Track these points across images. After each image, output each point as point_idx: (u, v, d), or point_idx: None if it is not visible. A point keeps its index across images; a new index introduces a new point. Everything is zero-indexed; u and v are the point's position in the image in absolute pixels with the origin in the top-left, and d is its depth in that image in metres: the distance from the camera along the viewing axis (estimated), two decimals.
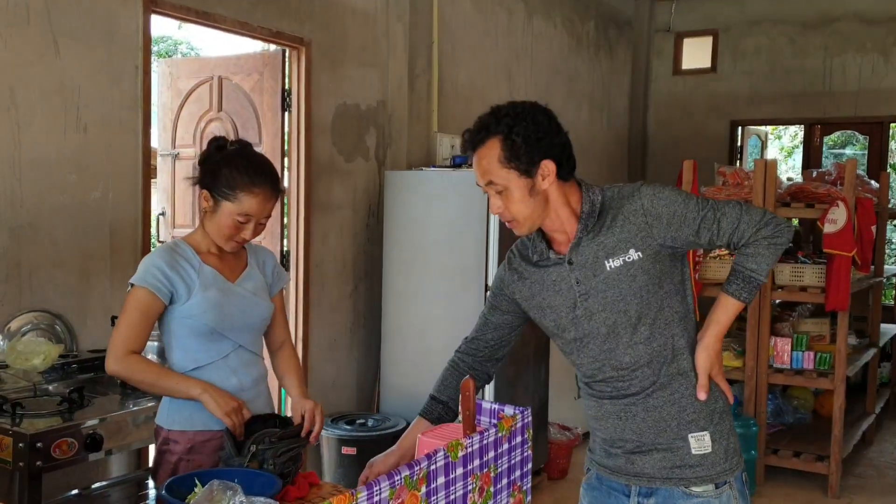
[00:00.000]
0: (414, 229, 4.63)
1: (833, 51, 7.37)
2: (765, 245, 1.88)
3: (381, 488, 1.52)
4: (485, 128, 1.89)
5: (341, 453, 4.30)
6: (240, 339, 2.35)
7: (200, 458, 2.28)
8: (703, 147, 7.57)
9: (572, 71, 7.08)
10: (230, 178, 2.24)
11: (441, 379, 2.30)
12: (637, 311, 1.90)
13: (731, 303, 1.93)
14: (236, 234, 2.29)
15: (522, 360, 4.68)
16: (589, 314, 1.94)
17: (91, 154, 3.43)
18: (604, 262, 1.90)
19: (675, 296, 1.94)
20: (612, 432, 2.01)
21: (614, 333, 1.93)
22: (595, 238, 1.92)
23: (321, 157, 4.57)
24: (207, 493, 1.39)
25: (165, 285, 2.24)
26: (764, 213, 1.90)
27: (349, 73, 4.71)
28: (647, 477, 1.97)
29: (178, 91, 4.80)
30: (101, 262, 3.49)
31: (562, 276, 1.98)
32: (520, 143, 1.85)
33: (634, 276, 1.89)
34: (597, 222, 1.92)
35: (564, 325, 2.00)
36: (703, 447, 1.93)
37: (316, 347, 4.62)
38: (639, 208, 1.89)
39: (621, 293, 1.90)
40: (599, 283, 1.92)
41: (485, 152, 1.89)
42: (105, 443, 2.75)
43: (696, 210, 1.88)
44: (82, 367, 3.26)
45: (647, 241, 1.88)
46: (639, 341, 1.92)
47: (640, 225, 1.88)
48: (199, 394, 2.20)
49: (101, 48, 3.45)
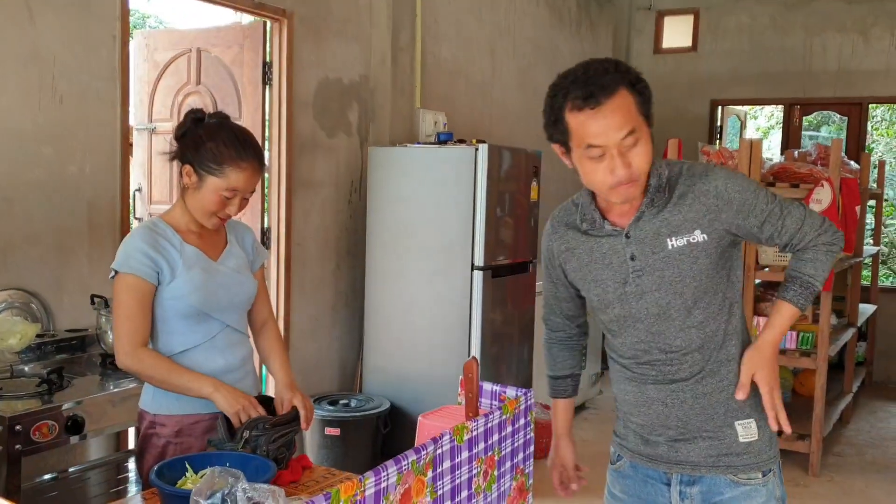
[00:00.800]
0: (397, 207, 4.56)
1: (813, 30, 7.37)
2: (823, 251, 1.83)
3: (388, 473, 1.47)
4: (611, 79, 1.71)
5: (324, 434, 4.24)
6: (226, 319, 2.29)
7: (189, 440, 2.22)
8: (683, 127, 7.55)
9: (554, 48, 7.01)
10: (216, 152, 2.16)
11: (552, 358, 2.23)
12: (693, 294, 1.83)
13: (788, 309, 1.86)
14: (221, 209, 2.22)
15: (506, 339, 4.64)
16: (640, 292, 1.86)
17: (67, 126, 3.31)
18: (665, 239, 1.81)
19: (729, 281, 1.87)
20: (654, 418, 1.93)
21: (666, 315, 1.85)
22: (659, 214, 1.82)
23: (303, 133, 4.47)
24: (209, 479, 1.33)
25: (151, 267, 2.16)
26: (823, 220, 1.85)
27: (332, 46, 4.61)
28: (692, 465, 1.91)
29: (155, 63, 4.67)
30: (79, 239, 3.38)
31: (615, 250, 1.88)
32: (644, 92, 1.75)
33: (697, 257, 1.81)
34: (663, 197, 1.82)
35: (610, 300, 1.91)
36: (749, 435, 1.88)
37: (297, 327, 4.54)
38: (711, 189, 1.79)
39: (680, 274, 1.82)
40: (658, 262, 1.83)
41: (619, 101, 1.70)
42: (86, 425, 2.67)
43: (764, 202, 1.80)
44: (59, 346, 3.17)
45: (714, 224, 1.79)
46: (692, 325, 1.85)
47: (709, 206, 1.79)
48: (211, 392, 2.14)
49: (78, 16, 3.32)
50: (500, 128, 6.16)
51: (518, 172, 4.65)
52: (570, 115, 1.72)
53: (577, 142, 1.74)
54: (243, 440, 2.00)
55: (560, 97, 1.74)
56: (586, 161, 1.75)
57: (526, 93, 6.57)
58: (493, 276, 4.44)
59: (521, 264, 4.77)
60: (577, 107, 1.71)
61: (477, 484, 1.77)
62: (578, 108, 1.71)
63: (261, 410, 2.14)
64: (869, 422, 6.10)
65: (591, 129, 1.70)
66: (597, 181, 1.77)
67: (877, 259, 7.06)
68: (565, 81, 1.75)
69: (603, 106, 1.69)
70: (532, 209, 4.81)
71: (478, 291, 4.36)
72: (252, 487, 1.35)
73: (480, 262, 4.34)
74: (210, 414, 2.21)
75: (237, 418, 2.10)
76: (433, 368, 4.47)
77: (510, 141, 5.94)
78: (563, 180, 7.19)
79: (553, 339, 2.22)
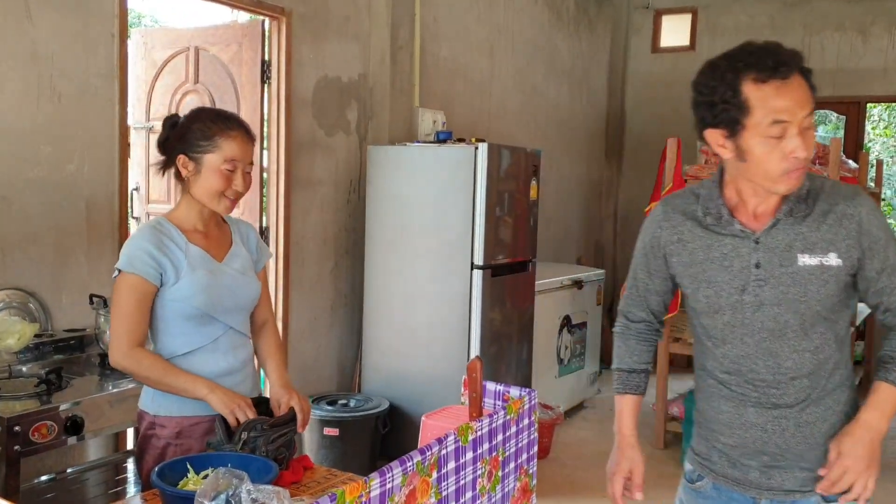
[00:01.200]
0: (397, 205, 4.54)
1: (812, 29, 7.36)
2: None
3: (393, 475, 1.45)
4: (796, 55, 1.64)
5: (323, 434, 4.23)
6: (230, 321, 2.28)
7: (189, 441, 2.21)
8: (681, 126, 7.48)
9: (553, 47, 7.00)
10: (203, 129, 2.19)
11: (627, 350, 2.08)
12: (814, 318, 1.72)
13: (892, 392, 1.73)
14: (227, 187, 2.20)
15: (505, 338, 4.63)
16: (758, 303, 1.75)
17: (66, 125, 3.29)
18: (797, 254, 1.71)
19: (847, 310, 1.78)
20: (750, 443, 1.82)
21: (782, 333, 1.75)
22: (795, 226, 1.72)
23: (301, 132, 4.46)
24: (213, 480, 1.32)
25: (155, 268, 2.15)
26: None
27: (331, 44, 4.59)
28: (785, 492, 1.83)
29: (152, 62, 4.65)
30: (77, 238, 3.36)
31: (738, 253, 1.76)
32: (811, 78, 1.65)
33: (826, 281, 1.71)
34: (804, 204, 1.72)
35: (721, 305, 1.79)
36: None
37: (296, 326, 4.53)
38: (856, 215, 1.70)
39: (806, 294, 1.71)
40: (784, 276, 1.72)
41: (798, 81, 1.62)
42: (85, 426, 2.65)
43: (894, 254, 1.72)
44: (58, 346, 3.15)
45: (850, 251, 1.70)
46: (807, 349, 1.75)
47: (850, 232, 1.70)
48: (206, 394, 2.13)
49: (76, 15, 3.30)
50: (499, 127, 6.15)
51: (517, 171, 4.64)
52: (753, 87, 1.60)
53: (757, 118, 1.61)
54: (241, 441, 1.98)
55: (737, 70, 1.62)
56: (763, 141, 1.62)
57: (525, 92, 6.56)
58: (493, 276, 4.43)
59: (521, 263, 4.76)
60: (763, 79, 1.59)
61: (481, 485, 1.75)
62: (763, 80, 1.59)
63: (254, 412, 2.12)
64: None
65: (779, 103, 1.59)
66: (771, 166, 1.63)
67: None
68: (741, 54, 1.64)
69: (791, 79, 1.60)
70: (532, 208, 4.80)
71: (477, 290, 4.34)
72: (256, 489, 1.34)
73: (480, 261, 4.33)
74: (210, 416, 2.19)
75: (233, 418, 2.08)
76: (432, 368, 4.46)
77: (509, 140, 5.93)
78: (562, 180, 7.19)
79: (631, 331, 2.08)
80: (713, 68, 1.67)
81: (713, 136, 1.69)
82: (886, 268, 1.71)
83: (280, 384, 2.33)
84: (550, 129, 7.02)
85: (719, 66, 1.66)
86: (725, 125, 1.65)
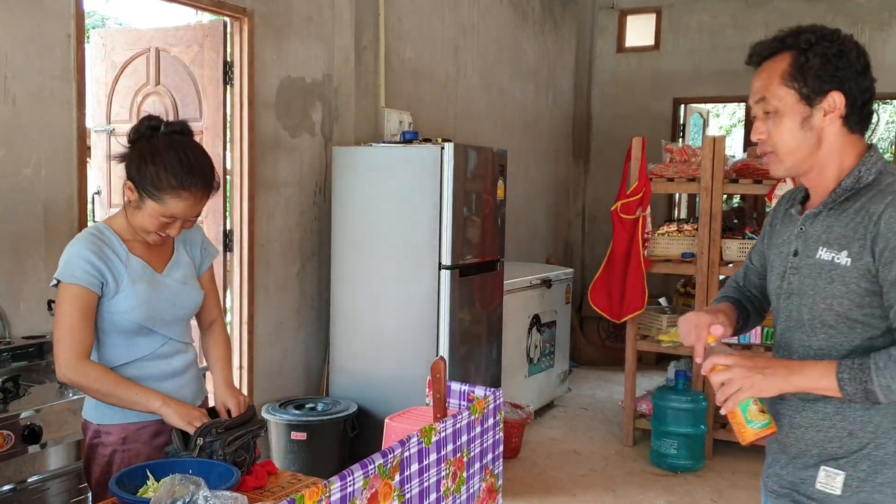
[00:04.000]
0: (363, 207, 4.51)
1: (774, 28, 7.30)
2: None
3: (354, 478, 1.43)
4: (780, 40, 1.68)
5: (291, 439, 4.19)
6: (169, 333, 2.25)
7: (137, 446, 2.19)
8: (646, 125, 7.59)
9: (518, 48, 7.01)
10: (156, 177, 2.06)
11: (722, 292, 2.05)
12: (821, 318, 1.66)
13: (829, 379, 1.58)
14: (161, 230, 2.14)
15: (474, 339, 4.62)
16: (789, 292, 1.72)
17: (21, 128, 3.22)
18: (820, 247, 1.66)
19: (867, 327, 1.63)
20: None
21: (796, 326, 1.71)
22: (830, 218, 1.67)
23: (265, 133, 4.41)
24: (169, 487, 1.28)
25: (97, 277, 2.09)
26: None
27: (294, 45, 4.55)
28: (776, 493, 1.80)
29: (112, 63, 4.57)
30: (35, 244, 3.29)
31: (788, 239, 1.76)
32: (814, 62, 1.62)
33: (832, 280, 1.64)
34: (847, 201, 1.65)
35: (772, 290, 1.80)
36: (830, 486, 1.67)
37: (262, 330, 4.48)
38: (875, 212, 1.58)
39: (814, 288, 1.66)
40: (806, 267, 1.69)
41: (770, 65, 1.67)
42: (44, 434, 2.60)
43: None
44: (16, 354, 3.08)
45: (862, 252, 1.59)
46: (812, 347, 1.69)
47: (866, 231, 1.59)
48: (159, 407, 2.09)
49: (30, 14, 3.23)
50: (465, 127, 6.14)
51: (484, 171, 4.63)
52: None
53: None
54: (198, 447, 1.95)
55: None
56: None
57: (491, 92, 6.56)
58: (461, 276, 4.42)
59: (489, 263, 4.75)
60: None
61: (446, 486, 1.74)
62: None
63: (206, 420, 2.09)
64: None
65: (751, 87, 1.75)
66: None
67: None
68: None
69: (761, 67, 1.72)
70: (499, 208, 4.80)
71: (445, 291, 4.33)
72: (214, 495, 1.31)
73: (448, 261, 4.32)
74: (155, 420, 2.17)
75: (190, 428, 2.05)
76: (401, 369, 4.44)
77: (476, 140, 5.93)
78: (529, 179, 7.20)
79: (729, 287, 2.05)
80: (848, 40, 1.70)
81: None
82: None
83: (224, 385, 2.30)
84: (517, 129, 7.03)
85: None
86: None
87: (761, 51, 1.71)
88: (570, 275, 6.26)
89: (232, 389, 2.29)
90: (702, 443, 4.89)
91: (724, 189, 4.97)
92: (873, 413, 1.63)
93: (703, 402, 4.86)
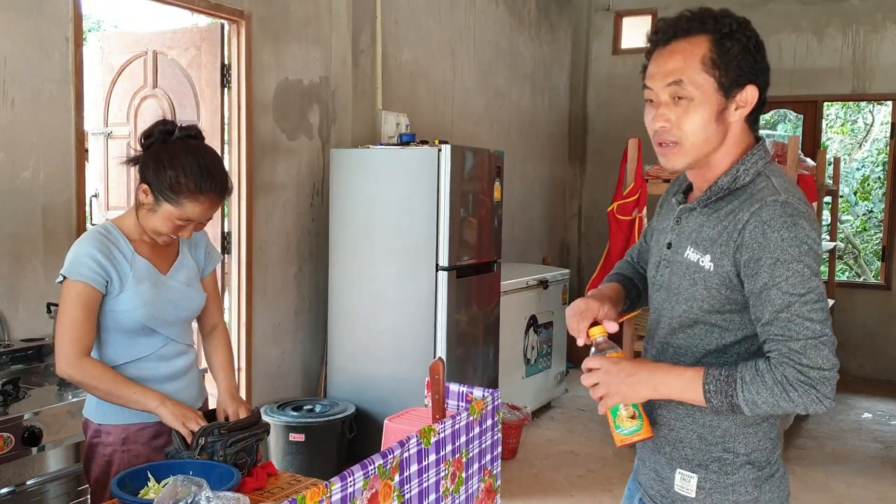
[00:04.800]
0: (361, 209, 4.53)
1: (769, 30, 7.46)
2: (774, 382, 1.44)
3: (354, 479, 1.44)
4: (697, 19, 1.53)
5: (289, 440, 4.20)
6: (171, 334, 2.27)
7: (136, 447, 2.20)
8: (642, 126, 7.54)
9: (514, 50, 7.03)
10: (175, 181, 2.09)
11: (617, 268, 2.00)
12: (681, 318, 1.62)
13: (695, 381, 1.51)
14: (173, 233, 2.18)
15: (471, 340, 4.63)
16: (659, 284, 1.69)
17: (19, 131, 3.23)
18: (688, 246, 1.59)
19: (734, 328, 1.58)
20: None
21: (659, 321, 1.69)
22: (705, 213, 1.59)
23: (263, 136, 4.42)
24: (172, 489, 1.30)
25: (102, 275, 2.12)
26: (828, 365, 1.43)
27: (291, 48, 4.57)
28: (643, 491, 1.79)
29: (110, 66, 4.58)
30: (33, 246, 3.30)
31: (666, 228, 1.70)
32: (734, 51, 1.51)
33: (695, 282, 1.58)
34: (721, 200, 1.57)
35: (648, 276, 1.76)
36: (686, 489, 1.64)
37: (260, 332, 4.49)
38: (742, 219, 1.50)
39: (678, 288, 1.61)
40: (676, 263, 1.63)
41: (684, 46, 1.52)
42: (44, 437, 2.61)
43: (772, 279, 1.45)
44: (15, 357, 3.09)
45: (723, 259, 1.53)
46: (670, 345, 1.65)
47: (731, 237, 1.51)
48: (156, 407, 2.10)
49: (29, 18, 3.24)
50: (462, 129, 6.16)
51: (481, 173, 4.64)
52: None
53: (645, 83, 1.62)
54: (199, 447, 1.97)
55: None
56: (645, 107, 1.62)
57: (487, 94, 6.57)
58: (458, 277, 4.43)
59: (486, 264, 4.76)
60: (650, 48, 1.60)
61: (445, 487, 1.75)
62: (651, 49, 1.60)
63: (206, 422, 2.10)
64: (828, 414, 6.19)
65: (649, 69, 1.60)
66: (651, 132, 1.61)
67: (833, 255, 7.19)
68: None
69: (669, 45, 1.56)
70: (496, 209, 4.81)
71: (443, 292, 4.34)
72: (216, 496, 1.32)
73: (445, 262, 4.33)
74: (155, 421, 2.18)
75: (186, 430, 2.06)
76: (399, 371, 4.45)
77: (472, 142, 5.94)
78: (526, 181, 7.22)
79: (623, 262, 2.00)
80: (751, 27, 1.62)
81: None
82: (762, 294, 1.47)
83: (226, 392, 2.32)
84: (513, 130, 7.04)
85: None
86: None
87: (675, 26, 1.54)
88: (566, 276, 6.28)
89: (235, 397, 2.30)
90: None
91: None
92: (722, 418, 1.60)
93: None
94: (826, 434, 5.69)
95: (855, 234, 11.08)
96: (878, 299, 7.42)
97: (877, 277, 8.51)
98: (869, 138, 11.33)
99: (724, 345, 1.59)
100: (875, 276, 9.61)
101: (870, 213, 11.13)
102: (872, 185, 11.08)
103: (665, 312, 1.67)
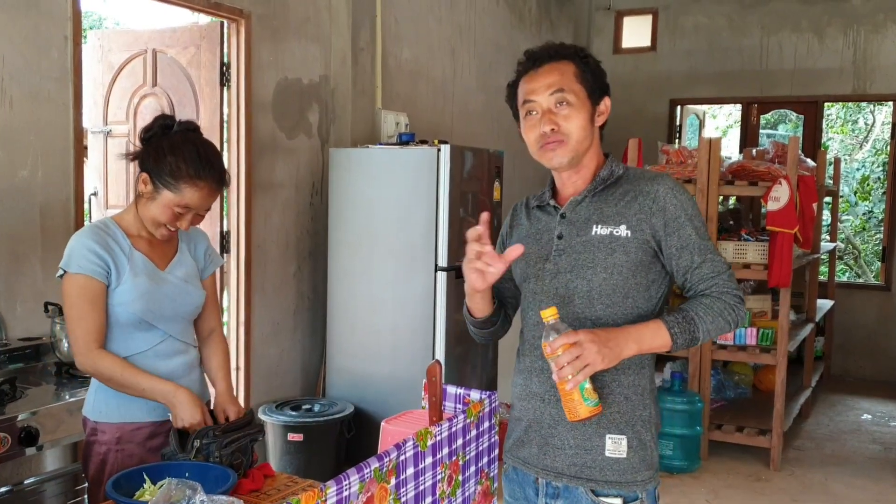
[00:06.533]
0: (360, 208, 4.52)
1: (770, 30, 7.46)
2: (724, 306, 1.75)
3: (350, 482, 1.44)
4: (561, 48, 1.88)
5: (287, 440, 4.19)
6: (169, 329, 2.26)
7: (130, 447, 2.20)
8: (643, 126, 7.60)
9: (515, 49, 7.00)
10: (175, 167, 2.12)
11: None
12: (600, 286, 1.80)
13: (662, 331, 1.72)
14: (171, 223, 2.18)
15: (470, 340, 4.60)
16: (556, 271, 1.86)
17: (17, 129, 3.22)
18: (593, 225, 1.84)
19: (648, 294, 1.83)
20: (531, 414, 1.86)
21: (569, 300, 1.82)
22: (595, 202, 1.86)
23: (262, 134, 4.42)
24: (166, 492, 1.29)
25: (102, 266, 2.13)
26: (740, 292, 1.79)
27: (290, 46, 4.56)
28: (556, 472, 1.82)
29: (109, 65, 4.57)
30: (31, 245, 3.29)
31: (548, 227, 1.93)
32: (592, 69, 1.86)
33: (613, 250, 1.80)
34: (606, 189, 1.86)
35: (528, 274, 1.92)
36: (618, 451, 1.79)
37: (258, 331, 4.49)
38: (651, 192, 1.81)
39: (593, 260, 1.81)
40: (578, 245, 1.84)
41: (556, 66, 1.85)
42: (41, 436, 2.60)
43: (694, 232, 1.79)
44: (13, 356, 3.09)
45: (641, 224, 1.80)
46: (589, 317, 1.80)
47: (643, 206, 1.81)
48: (171, 399, 2.11)
49: (27, 16, 3.24)
50: (461, 128, 6.15)
51: (481, 173, 4.64)
52: (519, 82, 1.90)
53: (518, 103, 1.90)
54: (195, 449, 1.97)
55: (517, 74, 1.92)
56: (523, 121, 1.90)
57: (487, 93, 6.56)
58: (457, 277, 4.42)
59: None
60: (519, 73, 1.90)
61: (441, 489, 1.75)
62: (519, 74, 1.90)
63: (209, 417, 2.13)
64: (828, 415, 6.19)
65: (526, 87, 1.87)
66: (530, 140, 1.89)
67: (833, 255, 7.18)
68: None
69: (542, 68, 1.85)
70: (495, 209, 4.80)
71: (441, 292, 4.34)
72: (210, 499, 1.31)
73: (444, 262, 4.32)
74: (150, 421, 2.19)
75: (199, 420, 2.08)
76: (397, 371, 4.44)
77: (472, 141, 5.93)
78: (525, 179, 7.21)
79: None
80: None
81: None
82: (688, 245, 1.78)
83: (225, 394, 2.32)
84: (513, 130, 6.95)
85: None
86: (515, 116, 1.95)
87: (546, 52, 1.87)
88: None
89: (233, 399, 2.32)
90: (697, 444, 4.91)
91: (719, 191, 4.98)
92: (640, 377, 1.83)
93: (698, 403, 4.87)
94: (825, 435, 5.69)
95: (855, 234, 11.07)
96: (878, 300, 7.41)
97: (877, 278, 8.51)
98: (869, 138, 11.32)
99: (637, 314, 1.81)
100: (875, 277, 9.60)
101: (870, 214, 11.12)
102: (872, 185, 11.07)
103: (579, 289, 1.82)
